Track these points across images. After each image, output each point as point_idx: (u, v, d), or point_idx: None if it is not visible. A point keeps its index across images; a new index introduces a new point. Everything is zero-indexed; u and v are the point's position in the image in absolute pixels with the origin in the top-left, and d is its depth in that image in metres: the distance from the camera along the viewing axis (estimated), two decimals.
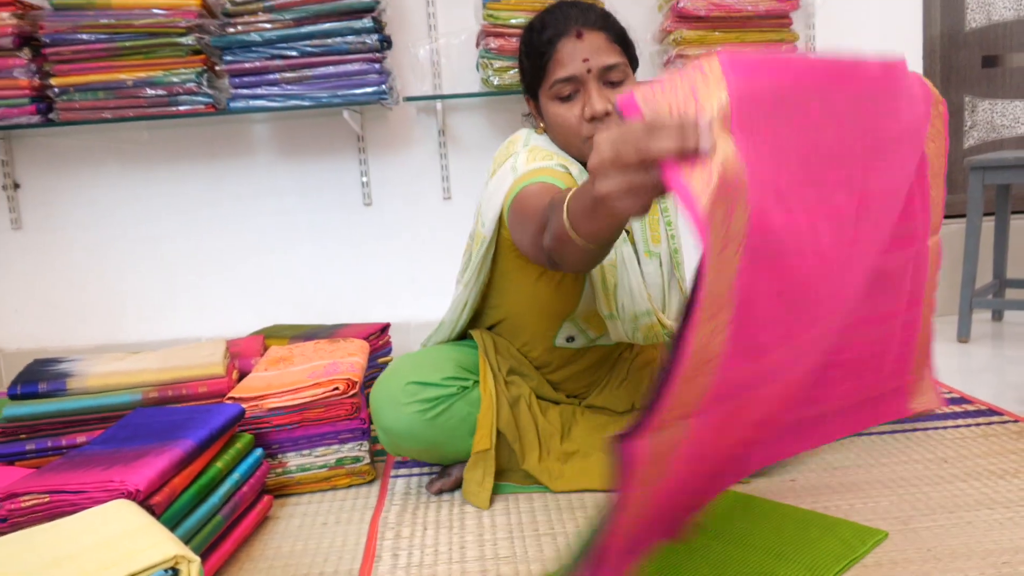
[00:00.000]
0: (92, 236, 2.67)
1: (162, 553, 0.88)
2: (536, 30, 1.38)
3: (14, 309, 2.69)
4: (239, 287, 2.72)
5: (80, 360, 1.69)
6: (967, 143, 2.91)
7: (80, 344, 2.69)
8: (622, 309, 1.42)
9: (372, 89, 2.31)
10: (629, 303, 1.42)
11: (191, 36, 2.24)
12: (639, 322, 1.44)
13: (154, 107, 2.28)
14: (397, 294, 2.73)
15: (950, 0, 2.82)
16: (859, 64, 0.95)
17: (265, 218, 2.68)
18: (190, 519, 1.20)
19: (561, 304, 1.48)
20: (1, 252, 2.66)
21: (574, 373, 1.61)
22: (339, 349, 1.83)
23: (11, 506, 1.09)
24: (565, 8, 1.37)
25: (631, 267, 1.41)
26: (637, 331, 1.46)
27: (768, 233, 0.77)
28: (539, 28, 1.37)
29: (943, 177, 1.25)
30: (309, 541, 1.36)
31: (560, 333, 1.54)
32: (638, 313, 1.42)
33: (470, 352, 1.57)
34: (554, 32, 1.34)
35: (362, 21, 2.26)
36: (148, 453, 1.20)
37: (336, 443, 1.58)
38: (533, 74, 1.39)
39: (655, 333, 1.46)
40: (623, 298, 1.41)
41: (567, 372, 1.61)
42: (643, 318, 1.43)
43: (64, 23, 2.22)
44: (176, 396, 1.58)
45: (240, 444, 1.42)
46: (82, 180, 2.64)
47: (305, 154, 2.66)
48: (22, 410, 1.53)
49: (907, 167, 1.11)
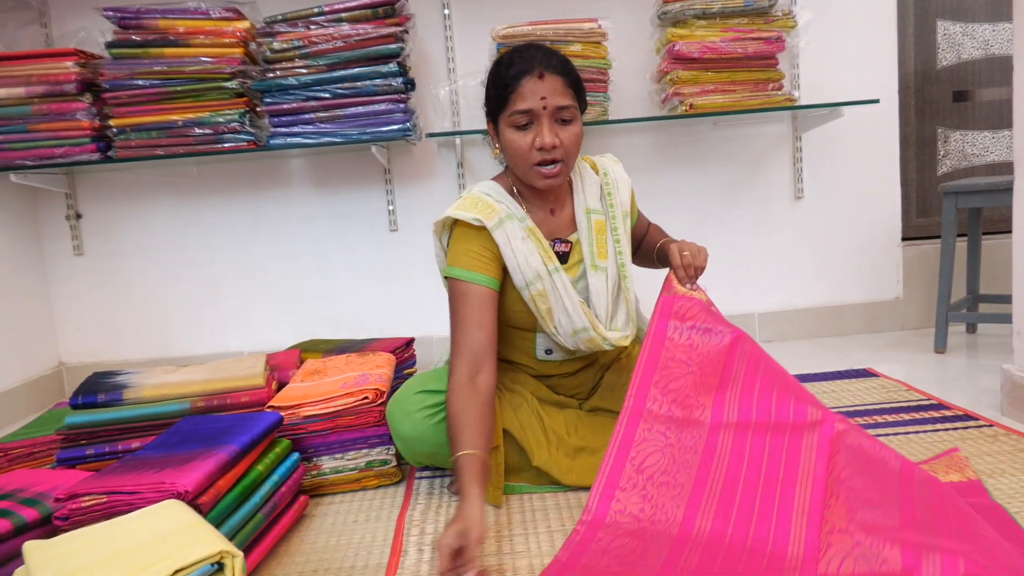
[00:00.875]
0: (146, 261, 2.69)
1: (209, 549, 0.88)
2: (504, 65, 1.43)
3: (76, 327, 2.71)
4: (278, 305, 2.73)
5: (135, 373, 1.70)
6: (941, 170, 2.89)
7: (135, 358, 2.71)
8: (560, 326, 1.47)
9: (398, 127, 2.32)
10: (567, 322, 1.46)
11: (235, 81, 2.26)
12: (579, 336, 1.47)
13: (202, 144, 2.30)
14: (420, 311, 2.73)
15: (923, 40, 2.82)
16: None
17: (301, 243, 2.70)
18: (234, 517, 1.20)
19: (523, 319, 1.51)
20: (64, 276, 2.69)
21: (569, 379, 1.62)
22: (368, 362, 1.83)
23: (73, 505, 1.09)
24: (532, 50, 1.42)
25: (565, 291, 1.45)
26: (579, 343, 1.49)
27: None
28: (507, 63, 1.42)
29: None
30: (342, 537, 1.36)
31: (538, 346, 1.56)
32: (576, 329, 1.46)
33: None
34: (519, 69, 1.39)
35: (388, 66, 2.27)
36: (196, 457, 1.20)
37: (366, 447, 1.58)
38: (496, 102, 1.44)
39: (595, 343, 1.48)
40: (559, 317, 1.46)
41: (562, 379, 1.62)
42: (582, 333, 1.47)
43: (122, 70, 2.25)
44: (221, 405, 1.59)
45: (279, 448, 1.42)
46: (138, 211, 2.67)
47: (337, 185, 2.68)
48: (82, 418, 1.54)
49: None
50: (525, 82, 1.38)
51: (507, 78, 1.40)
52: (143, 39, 2.25)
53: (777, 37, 2.36)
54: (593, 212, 1.53)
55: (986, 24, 2.81)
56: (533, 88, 1.38)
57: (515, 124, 1.41)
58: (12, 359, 2.46)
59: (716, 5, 2.31)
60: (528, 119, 1.40)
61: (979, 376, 2.14)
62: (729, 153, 2.70)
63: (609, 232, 1.54)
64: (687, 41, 2.32)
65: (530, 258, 1.43)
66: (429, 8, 2.57)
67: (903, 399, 1.93)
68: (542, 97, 1.38)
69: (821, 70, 2.64)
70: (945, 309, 2.40)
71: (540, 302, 1.45)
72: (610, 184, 1.57)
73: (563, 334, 1.47)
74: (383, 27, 2.26)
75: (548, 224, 1.52)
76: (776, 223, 2.74)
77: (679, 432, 1.30)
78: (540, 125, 1.39)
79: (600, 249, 1.52)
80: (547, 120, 1.39)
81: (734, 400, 1.31)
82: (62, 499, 1.10)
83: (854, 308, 2.77)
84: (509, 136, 1.42)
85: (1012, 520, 1.22)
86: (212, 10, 2.27)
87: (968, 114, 2.86)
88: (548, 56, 1.41)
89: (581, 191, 1.55)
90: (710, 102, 2.37)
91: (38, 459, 1.71)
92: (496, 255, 1.44)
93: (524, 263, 1.43)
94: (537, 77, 1.38)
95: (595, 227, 1.52)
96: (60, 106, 2.26)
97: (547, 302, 1.45)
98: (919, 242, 2.81)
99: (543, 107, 1.38)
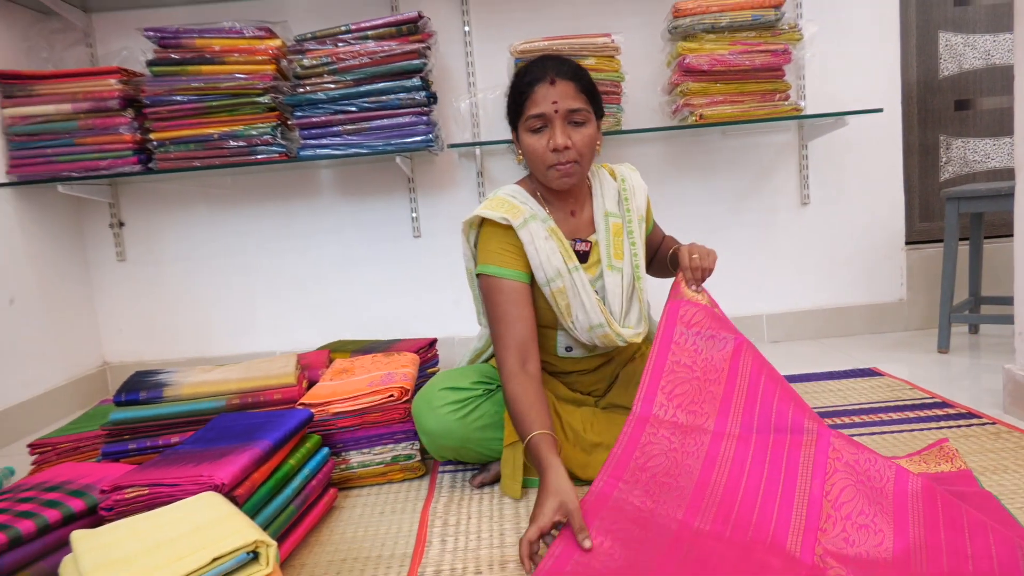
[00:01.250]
0: (184, 266, 2.72)
1: (244, 538, 0.89)
2: (520, 75, 1.46)
3: (119, 329, 2.74)
4: (308, 308, 2.74)
5: (174, 372, 1.72)
6: (943, 176, 2.86)
7: (174, 358, 2.73)
8: (577, 321, 1.48)
9: (420, 138, 2.33)
10: (584, 318, 1.47)
11: (267, 96, 2.28)
12: (594, 332, 1.48)
13: (236, 156, 2.31)
14: (442, 313, 2.74)
15: (925, 51, 2.79)
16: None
17: (330, 249, 2.71)
18: (268, 508, 1.20)
19: (545, 316, 1.52)
20: (108, 280, 2.72)
21: (586, 376, 1.62)
22: (393, 361, 1.83)
23: (117, 497, 1.10)
24: (546, 60, 1.45)
25: (583, 288, 1.47)
26: (595, 339, 1.50)
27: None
28: (523, 74, 1.46)
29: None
30: (369, 528, 1.36)
31: (559, 344, 1.57)
32: (592, 325, 1.47)
33: (493, 366, 1.59)
34: (533, 78, 1.42)
35: (412, 80, 2.28)
36: (232, 452, 1.21)
37: (391, 443, 1.58)
38: (514, 109, 1.47)
39: (610, 339, 1.49)
40: (577, 313, 1.47)
41: (580, 376, 1.62)
42: (597, 328, 1.48)
43: (161, 87, 2.27)
44: (255, 402, 1.60)
45: (309, 444, 1.43)
46: (177, 219, 2.70)
47: (363, 194, 2.69)
48: (125, 415, 1.55)
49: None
50: (538, 88, 1.41)
51: (522, 86, 1.44)
52: (181, 57, 2.27)
53: (784, 50, 2.34)
54: (611, 215, 1.55)
55: (987, 35, 2.77)
56: (545, 93, 1.40)
57: (531, 128, 1.43)
58: (59, 359, 2.49)
59: (725, 19, 2.30)
60: (542, 123, 1.42)
61: (981, 375, 2.11)
62: (737, 161, 2.69)
63: (625, 235, 1.55)
64: (697, 54, 2.31)
65: (552, 256, 1.45)
66: (450, 25, 2.58)
67: (907, 397, 1.91)
68: (553, 101, 1.40)
69: (826, 81, 2.61)
70: (948, 310, 2.37)
71: (560, 298, 1.46)
72: (627, 190, 1.58)
73: (580, 329, 1.48)
74: (407, 44, 2.27)
75: (568, 225, 1.54)
76: (783, 228, 2.72)
77: (683, 438, 1.29)
78: (553, 128, 1.41)
79: (617, 250, 1.53)
80: (559, 123, 1.41)
81: (738, 410, 1.32)
82: (107, 491, 1.11)
83: (859, 310, 2.74)
84: (526, 140, 1.45)
85: (1001, 507, 1.21)
86: (246, 29, 2.29)
87: (969, 122, 2.82)
88: (560, 64, 1.43)
89: (600, 195, 1.56)
90: (719, 112, 2.35)
91: (84, 453, 1.72)
92: (522, 252, 1.46)
93: (546, 261, 1.44)
94: (549, 83, 1.40)
95: (612, 229, 1.54)
96: (104, 121, 2.29)
97: (566, 298, 1.46)
98: (922, 246, 2.77)
99: (555, 110, 1.40)
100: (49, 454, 1.71)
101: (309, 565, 1.22)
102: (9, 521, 1.05)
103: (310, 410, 1.50)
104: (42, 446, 1.71)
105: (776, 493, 1.20)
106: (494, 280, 1.45)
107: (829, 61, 2.60)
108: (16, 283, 2.30)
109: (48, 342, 2.43)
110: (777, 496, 1.19)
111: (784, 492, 1.19)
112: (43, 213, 2.46)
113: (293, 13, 2.56)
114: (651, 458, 1.28)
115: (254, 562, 0.89)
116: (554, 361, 1.59)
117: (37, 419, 2.31)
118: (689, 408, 1.33)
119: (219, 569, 0.85)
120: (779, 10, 2.32)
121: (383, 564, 1.21)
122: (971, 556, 1.05)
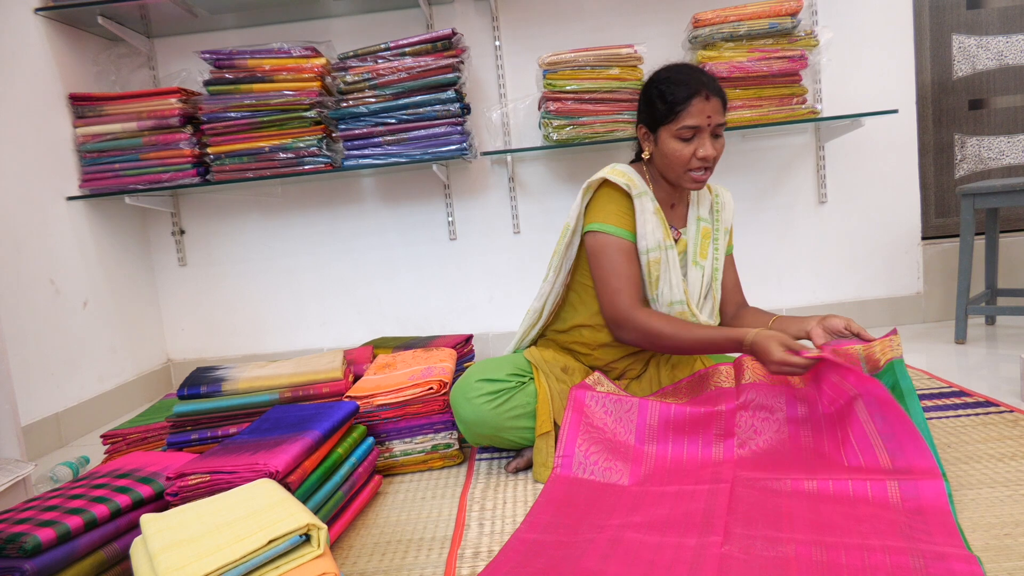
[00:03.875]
0: (240, 269, 2.76)
1: (297, 522, 0.89)
2: (673, 83, 1.46)
3: (181, 328, 2.79)
4: (353, 307, 2.77)
5: (232, 367, 1.74)
6: (958, 174, 2.77)
7: (231, 354, 2.77)
8: (661, 295, 1.52)
9: (455, 147, 2.33)
10: (667, 291, 1.52)
11: (313, 111, 2.30)
12: (673, 308, 1.52)
13: (286, 167, 2.34)
14: (478, 310, 2.74)
15: (939, 53, 2.71)
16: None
17: (372, 252, 2.73)
18: (318, 494, 1.21)
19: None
20: (171, 283, 2.77)
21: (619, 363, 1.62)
22: (433, 356, 1.84)
23: (181, 483, 1.12)
24: (698, 73, 1.47)
25: (673, 266, 1.52)
26: (672, 315, 1.51)
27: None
28: (676, 82, 1.46)
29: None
30: (411, 512, 1.37)
31: None
32: (673, 301, 1.52)
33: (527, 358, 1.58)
34: (691, 91, 1.44)
35: (447, 93, 2.29)
36: (285, 441, 1.22)
37: (431, 432, 1.59)
38: (664, 114, 1.47)
39: (685, 318, 1.51)
40: (663, 287, 1.52)
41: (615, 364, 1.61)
42: (677, 305, 1.52)
43: (217, 104, 2.31)
44: (305, 395, 1.61)
45: (356, 434, 1.43)
46: (232, 226, 2.74)
47: (402, 200, 2.71)
48: (188, 407, 1.57)
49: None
50: (695, 102, 1.43)
51: (678, 96, 1.44)
52: (235, 77, 2.30)
53: (800, 55, 2.29)
54: (702, 219, 1.61)
55: (1000, 36, 2.69)
56: (702, 108, 1.43)
57: (680, 136, 1.46)
58: (127, 357, 2.54)
59: (743, 28, 2.26)
60: (693, 133, 1.45)
61: (999, 365, 2.04)
62: (757, 163, 2.64)
63: (711, 240, 1.61)
64: (716, 62, 2.28)
65: (656, 230, 1.49)
66: (482, 40, 2.58)
67: (926, 387, 1.86)
68: (708, 116, 1.44)
69: (842, 84, 2.55)
70: (964, 302, 2.30)
71: (654, 269, 1.50)
72: (720, 204, 1.65)
73: (662, 302, 1.52)
74: (441, 59, 2.28)
75: (666, 213, 1.58)
76: (802, 226, 2.67)
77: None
78: (703, 139, 1.45)
79: (703, 250, 1.59)
80: (708, 135, 1.45)
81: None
82: (172, 478, 1.12)
83: (877, 303, 2.67)
84: (672, 145, 1.47)
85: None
86: (293, 49, 2.31)
87: (983, 121, 2.74)
88: (711, 80, 1.47)
89: (695, 203, 1.62)
90: (739, 117, 2.31)
91: (151, 443, 1.75)
92: (633, 218, 1.50)
93: (651, 232, 1.49)
94: (704, 98, 1.43)
95: (702, 232, 1.60)
96: (166, 137, 2.33)
97: (659, 270, 1.50)
98: (938, 241, 2.70)
99: (707, 124, 1.44)
100: (120, 444, 1.74)
101: (356, 547, 1.23)
102: (85, 506, 1.07)
103: (356, 402, 1.51)
104: (113, 437, 1.75)
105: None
106: (610, 237, 1.49)
107: (845, 65, 2.54)
108: (89, 287, 2.36)
109: (118, 341, 2.49)
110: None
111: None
112: (112, 223, 2.52)
113: (336, 33, 2.59)
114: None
115: (306, 544, 0.90)
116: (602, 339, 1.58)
117: (109, 411, 2.37)
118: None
119: (274, 551, 0.86)
120: (795, 18, 2.27)
121: (424, 546, 1.21)
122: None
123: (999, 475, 1.28)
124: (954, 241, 2.64)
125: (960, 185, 2.55)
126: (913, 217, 2.64)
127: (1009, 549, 1.02)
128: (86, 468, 1.80)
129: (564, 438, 1.41)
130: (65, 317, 2.22)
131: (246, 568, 0.84)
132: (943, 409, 1.67)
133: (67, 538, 1.00)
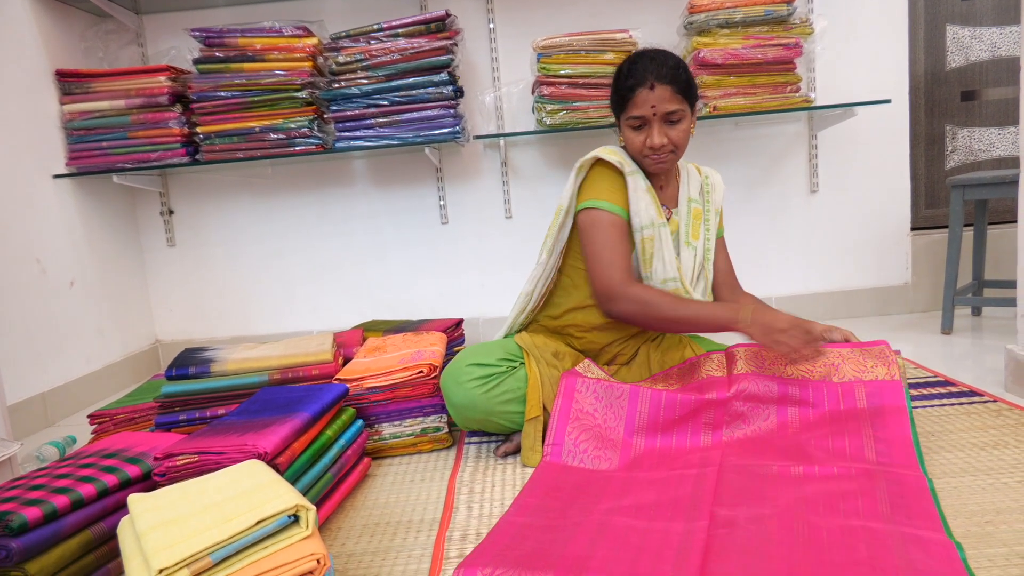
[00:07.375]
0: (229, 250, 2.74)
1: (285, 503, 0.89)
2: (623, 76, 1.50)
3: (169, 309, 2.78)
4: (343, 290, 2.76)
5: (221, 349, 1.74)
6: (948, 165, 2.79)
7: (220, 335, 2.77)
8: (654, 272, 1.53)
9: (448, 130, 2.32)
10: (661, 269, 1.53)
11: (305, 91, 2.27)
12: (667, 285, 1.53)
13: (276, 148, 2.32)
14: (468, 295, 2.74)
15: (933, 44, 2.71)
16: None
17: (363, 235, 2.72)
18: (307, 476, 1.21)
19: None
20: (159, 264, 2.75)
21: (619, 339, 1.63)
22: (423, 340, 1.84)
23: (169, 464, 1.11)
24: (645, 62, 1.48)
25: (667, 244, 1.53)
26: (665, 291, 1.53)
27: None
28: (625, 75, 1.50)
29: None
30: (400, 494, 1.37)
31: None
32: (667, 278, 1.53)
33: (517, 343, 1.58)
34: (634, 82, 1.47)
35: (440, 75, 2.27)
36: (274, 423, 1.22)
37: (421, 415, 1.59)
38: (618, 105, 1.54)
39: (678, 295, 1.53)
40: (656, 264, 1.53)
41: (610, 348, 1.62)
42: (670, 282, 1.53)
43: (207, 83, 2.28)
44: (294, 377, 1.61)
45: (345, 416, 1.43)
46: (221, 206, 2.72)
47: (394, 183, 2.69)
48: (176, 388, 1.57)
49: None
50: (639, 93, 1.46)
51: (624, 88, 1.48)
52: (225, 55, 2.28)
53: (795, 43, 2.29)
54: (693, 201, 1.62)
55: (994, 27, 2.69)
56: (645, 98, 1.46)
57: (631, 125, 1.51)
58: (115, 337, 2.53)
59: (738, 15, 2.25)
60: (641, 122, 1.48)
61: (984, 355, 2.07)
62: (749, 151, 2.64)
63: (703, 221, 1.62)
64: (711, 48, 2.27)
65: (649, 207, 1.51)
66: (476, 23, 2.56)
67: (912, 376, 1.87)
68: (652, 106, 1.46)
69: (836, 73, 2.55)
70: (952, 293, 2.32)
71: (647, 246, 1.51)
72: (710, 185, 1.66)
73: (655, 280, 1.53)
74: (435, 41, 2.26)
75: (656, 194, 1.59)
76: (793, 215, 2.67)
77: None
78: (650, 128, 1.48)
79: (694, 231, 1.61)
80: (657, 123, 1.47)
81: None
82: (160, 458, 1.12)
83: (866, 292, 2.69)
84: (627, 133, 1.52)
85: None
86: (285, 28, 2.29)
87: (975, 112, 2.75)
88: (659, 67, 1.46)
89: (686, 184, 1.63)
90: (732, 104, 2.31)
91: (139, 423, 1.74)
92: (627, 196, 1.51)
93: (644, 209, 1.50)
94: (649, 88, 1.45)
95: (693, 213, 1.61)
96: (155, 116, 2.31)
97: (652, 247, 1.51)
98: (927, 232, 2.72)
99: (653, 114, 1.46)
100: (107, 424, 1.74)
101: (345, 528, 1.24)
102: (72, 485, 1.07)
103: (345, 385, 1.50)
104: (101, 417, 1.74)
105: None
106: (603, 213, 1.50)
107: (839, 54, 2.54)
108: (76, 267, 2.34)
109: (105, 321, 2.47)
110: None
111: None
112: (99, 202, 2.50)
113: (328, 13, 2.56)
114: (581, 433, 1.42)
115: (295, 525, 0.90)
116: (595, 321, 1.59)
117: (96, 392, 2.36)
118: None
119: (263, 531, 0.86)
120: (791, 5, 2.26)
121: (413, 528, 1.22)
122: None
123: (981, 463, 1.29)
124: (943, 232, 2.66)
125: (950, 176, 2.56)
126: (903, 208, 2.65)
127: (990, 536, 1.03)
128: (73, 448, 1.80)
129: (554, 426, 1.41)
130: (52, 297, 2.20)
131: (234, 548, 0.84)
132: (928, 398, 1.68)
133: (53, 517, 0.99)
